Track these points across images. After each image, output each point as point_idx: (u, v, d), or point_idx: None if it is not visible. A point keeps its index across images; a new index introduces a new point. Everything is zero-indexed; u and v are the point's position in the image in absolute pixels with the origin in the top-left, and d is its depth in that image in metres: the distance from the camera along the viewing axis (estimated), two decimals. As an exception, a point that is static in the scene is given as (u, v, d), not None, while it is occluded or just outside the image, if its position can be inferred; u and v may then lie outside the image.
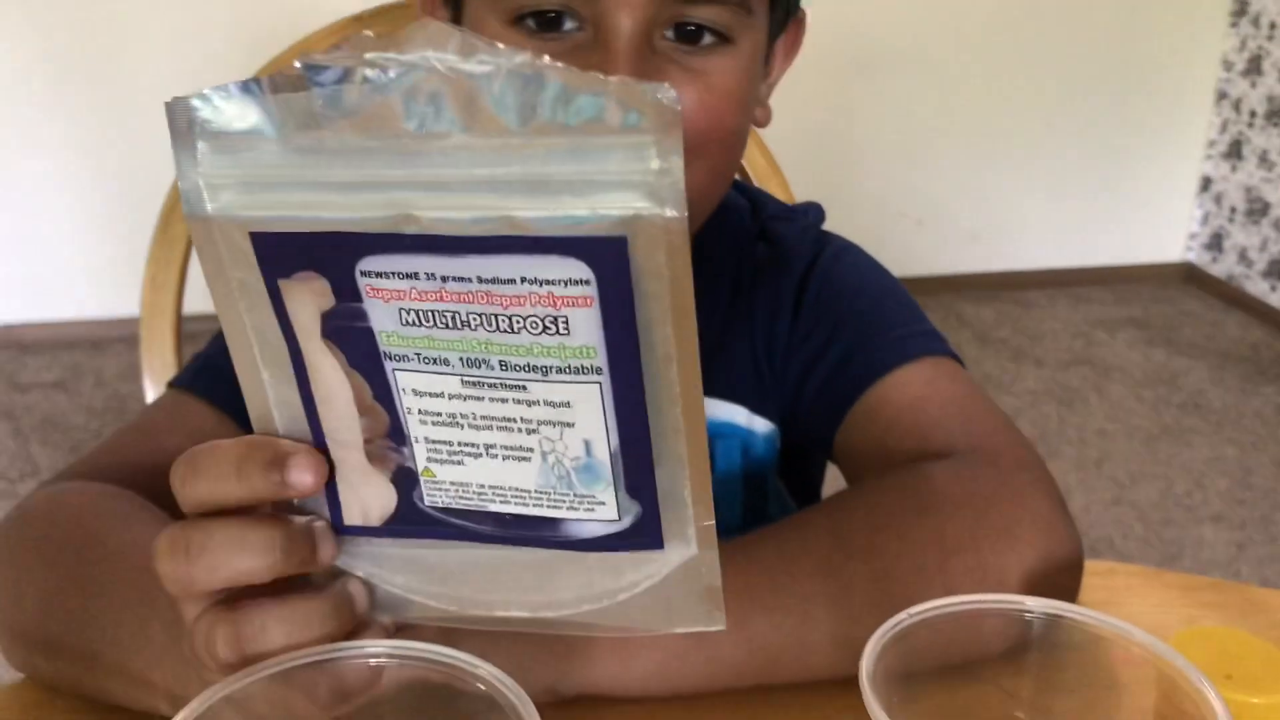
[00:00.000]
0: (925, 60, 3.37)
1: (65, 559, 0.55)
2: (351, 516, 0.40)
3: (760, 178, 1.16)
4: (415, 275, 0.34)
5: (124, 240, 3.04)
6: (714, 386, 0.72)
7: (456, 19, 0.64)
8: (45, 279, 3.13)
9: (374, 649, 0.37)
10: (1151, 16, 3.41)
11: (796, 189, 0.83)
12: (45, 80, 2.95)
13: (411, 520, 0.40)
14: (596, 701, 0.51)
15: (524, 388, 0.36)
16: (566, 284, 0.33)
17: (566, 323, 0.34)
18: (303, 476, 0.38)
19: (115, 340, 3.09)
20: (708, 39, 0.61)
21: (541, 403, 0.36)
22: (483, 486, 0.39)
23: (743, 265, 0.74)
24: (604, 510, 0.38)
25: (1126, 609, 0.59)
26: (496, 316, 0.34)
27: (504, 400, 0.36)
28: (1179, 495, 2.49)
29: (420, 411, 0.37)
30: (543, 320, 0.34)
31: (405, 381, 0.37)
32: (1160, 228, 3.68)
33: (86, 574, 0.53)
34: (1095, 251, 3.65)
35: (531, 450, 0.37)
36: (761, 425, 0.73)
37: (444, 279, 0.34)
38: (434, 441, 0.38)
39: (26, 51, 2.92)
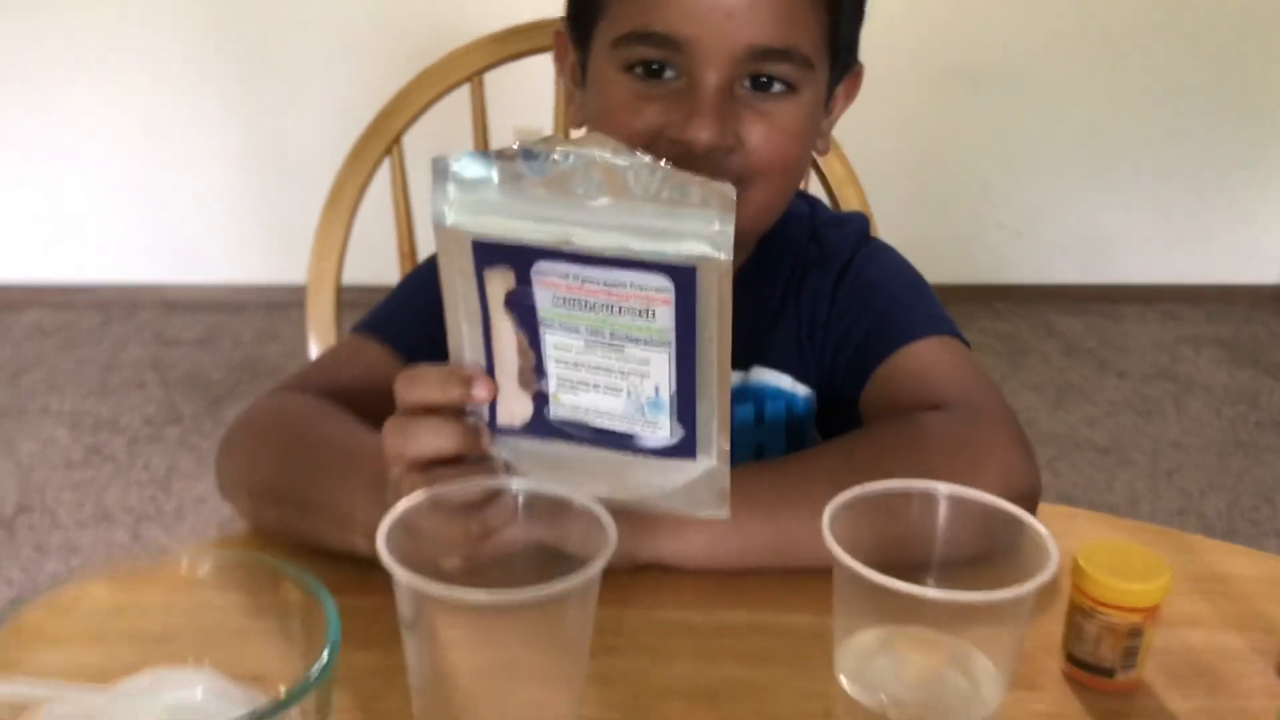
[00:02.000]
0: (1030, 76, 3.46)
1: (290, 439, 0.76)
2: (502, 420, 0.61)
3: (837, 184, 1.33)
4: (567, 275, 0.55)
5: (265, 214, 3.33)
6: (767, 358, 0.91)
7: (584, 62, 0.83)
8: (192, 245, 3.42)
9: (517, 484, 0.57)
10: (1259, 38, 3.46)
11: (900, 196, 0.96)
12: (206, 61, 3.24)
13: (540, 426, 0.61)
14: (663, 569, 0.70)
15: (622, 349, 0.56)
16: (658, 290, 0.54)
17: (654, 313, 0.55)
18: (481, 392, 0.59)
19: (252, 305, 3.37)
20: (776, 88, 0.78)
21: (632, 360, 0.56)
22: (588, 409, 0.59)
23: (796, 262, 0.92)
24: (661, 431, 0.58)
25: (1075, 540, 0.75)
26: (612, 305, 0.55)
27: (609, 356, 0.57)
28: (1246, 509, 2.58)
29: (557, 359, 0.58)
30: (639, 310, 0.55)
31: (550, 339, 0.58)
32: (1256, 250, 3.72)
33: (306, 449, 0.74)
34: (1189, 270, 3.71)
35: (621, 389, 0.58)
36: (802, 390, 0.91)
37: (583, 280, 0.55)
38: (561, 378, 0.59)
39: (192, 32, 3.21)
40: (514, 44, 1.25)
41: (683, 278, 0.53)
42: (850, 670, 0.52)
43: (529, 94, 1.60)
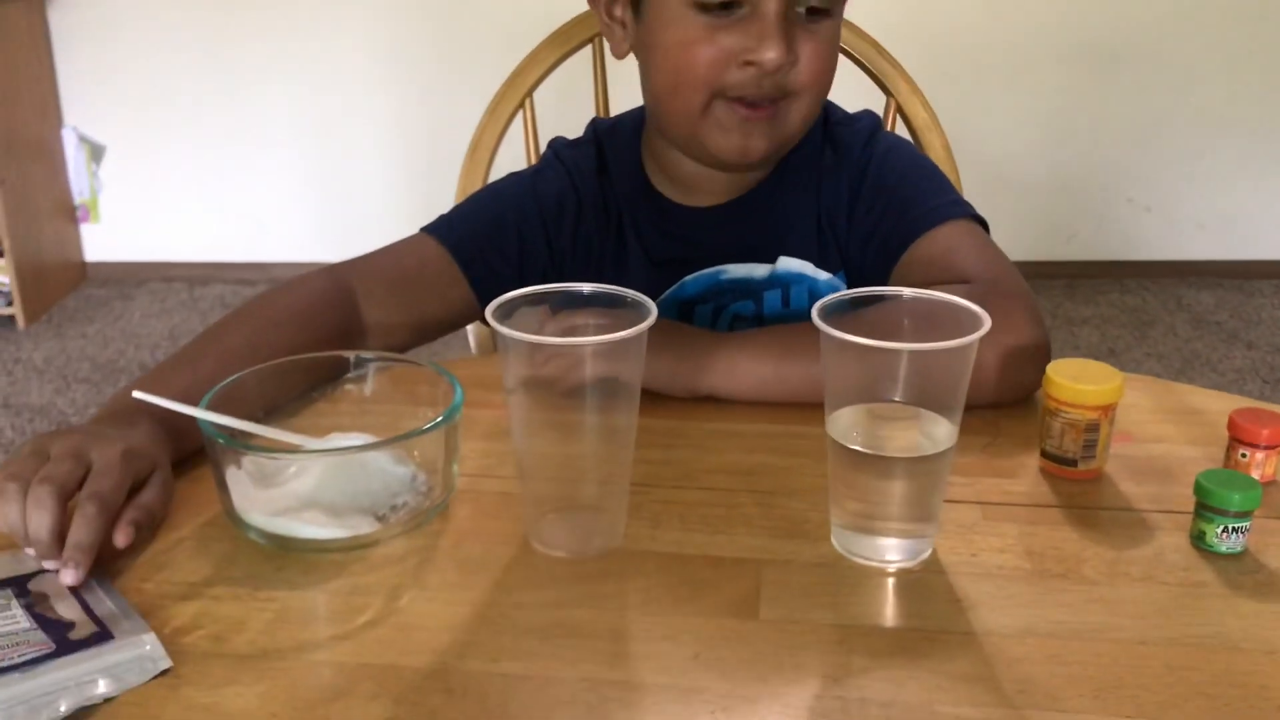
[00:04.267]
0: (1160, 51, 3.49)
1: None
2: None
3: (921, 129, 1.46)
4: None
5: (421, 192, 3.60)
6: (791, 250, 1.07)
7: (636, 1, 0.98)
8: (355, 227, 3.72)
9: (587, 288, 0.73)
10: (1402, 10, 3.41)
11: (1033, 172, 1.07)
12: (374, 59, 3.54)
13: None
14: (721, 400, 0.89)
15: None
16: None
17: None
18: None
19: (410, 280, 3.64)
20: (817, 14, 0.94)
21: None
22: None
23: (813, 166, 1.07)
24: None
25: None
26: None
27: None
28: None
29: None
30: None
31: None
32: (1400, 223, 3.65)
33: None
34: (1328, 245, 3.67)
35: None
36: (823, 275, 1.07)
37: None
38: None
39: (362, 35, 3.51)
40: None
41: None
42: (838, 432, 0.69)
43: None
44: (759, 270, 1.07)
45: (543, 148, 1.50)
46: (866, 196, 1.05)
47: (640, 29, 1.00)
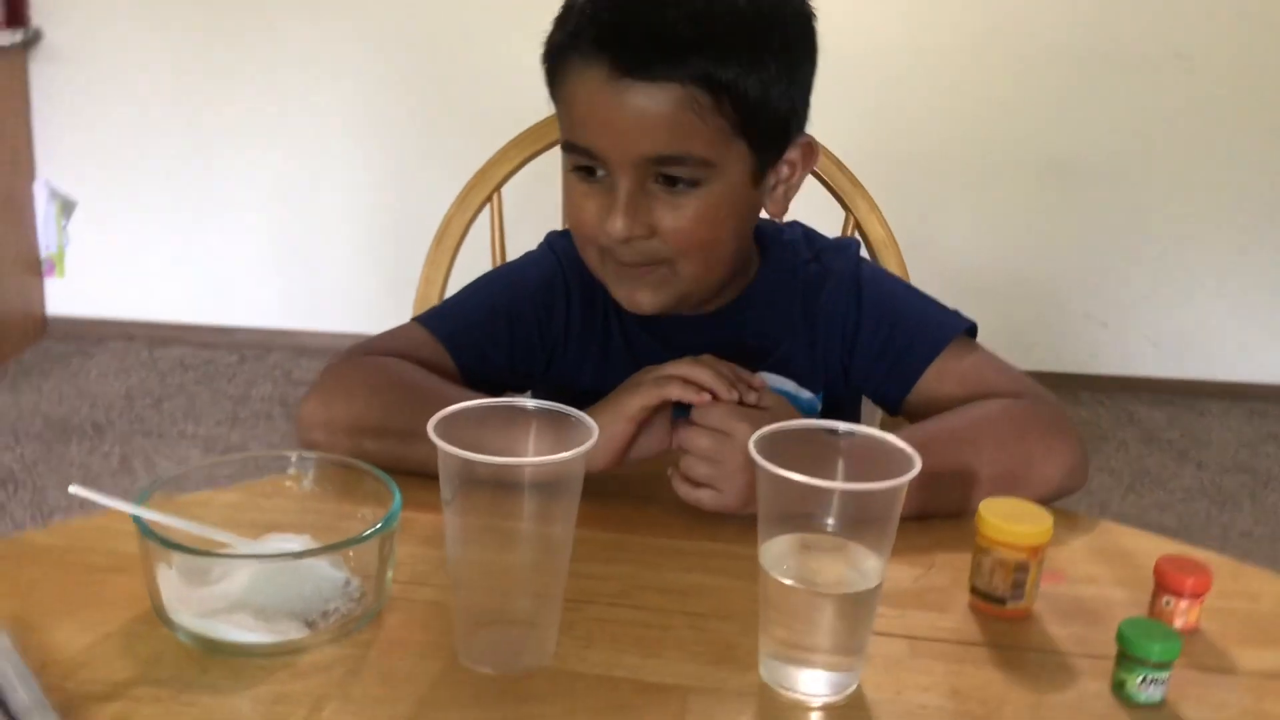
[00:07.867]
0: (1120, 175, 3.58)
1: (392, 383, 0.97)
2: None
3: (879, 245, 1.49)
4: None
5: (386, 270, 3.62)
6: (773, 367, 1.08)
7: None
8: (321, 295, 3.73)
9: (530, 403, 0.75)
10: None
11: (992, 284, 1.12)
12: (347, 134, 3.57)
13: None
14: (667, 510, 0.89)
15: None
16: None
17: None
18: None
19: (373, 353, 3.64)
20: (682, 184, 0.94)
21: None
22: None
23: (798, 284, 1.09)
24: None
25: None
26: None
27: None
28: (1310, 597, 2.61)
29: None
30: None
31: None
32: (1348, 352, 3.73)
33: (408, 390, 0.95)
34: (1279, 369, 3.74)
35: None
36: (806, 393, 1.09)
37: None
38: None
39: (340, 115, 3.55)
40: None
41: None
42: (769, 562, 0.69)
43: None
44: None
45: (508, 243, 1.52)
46: (870, 318, 1.08)
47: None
